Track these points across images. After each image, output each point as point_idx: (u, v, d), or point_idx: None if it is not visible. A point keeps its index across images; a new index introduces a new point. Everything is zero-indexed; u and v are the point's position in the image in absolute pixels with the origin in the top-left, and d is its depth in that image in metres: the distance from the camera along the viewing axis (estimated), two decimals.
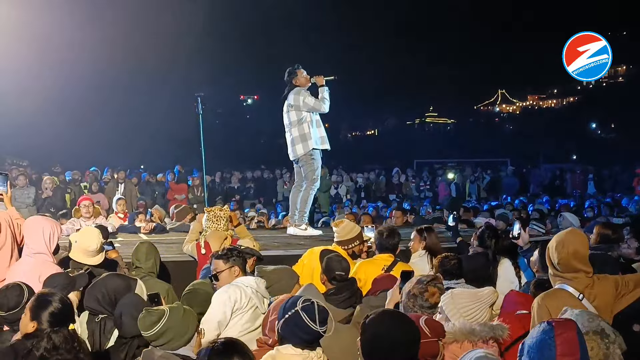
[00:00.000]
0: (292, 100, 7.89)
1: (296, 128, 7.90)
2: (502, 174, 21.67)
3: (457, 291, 3.84)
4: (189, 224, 8.92)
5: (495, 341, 3.48)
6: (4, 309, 4.00)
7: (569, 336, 2.73)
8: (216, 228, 6.11)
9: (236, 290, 4.46)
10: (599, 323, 3.05)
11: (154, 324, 3.52)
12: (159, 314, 3.57)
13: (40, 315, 3.57)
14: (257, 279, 4.64)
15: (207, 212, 6.30)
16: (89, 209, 9.11)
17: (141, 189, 15.71)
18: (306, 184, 8.07)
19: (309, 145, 7.87)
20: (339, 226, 6.06)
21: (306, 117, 7.89)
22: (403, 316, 3.24)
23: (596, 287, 3.87)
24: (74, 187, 14.52)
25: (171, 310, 3.61)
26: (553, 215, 11.27)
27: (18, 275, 4.47)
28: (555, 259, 3.94)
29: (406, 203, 15.33)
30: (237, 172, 19.27)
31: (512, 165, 23.64)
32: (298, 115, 7.88)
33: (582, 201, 15.96)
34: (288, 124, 8.01)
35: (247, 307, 4.44)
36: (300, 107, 7.85)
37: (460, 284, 4.76)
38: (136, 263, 5.32)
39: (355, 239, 5.94)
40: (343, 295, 4.73)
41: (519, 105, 70.17)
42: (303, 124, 7.88)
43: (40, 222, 5.22)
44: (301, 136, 7.88)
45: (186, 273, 6.03)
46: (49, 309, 3.58)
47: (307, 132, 7.87)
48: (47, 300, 3.64)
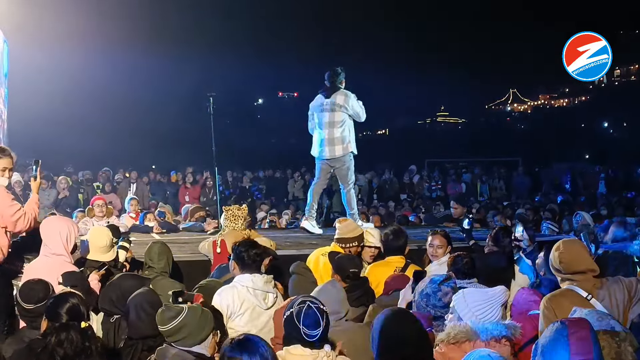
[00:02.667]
0: (341, 100, 8.08)
1: (339, 129, 8.09)
2: (514, 174, 21.59)
3: (469, 290, 3.84)
4: (202, 223, 8.98)
5: (508, 340, 3.47)
6: (32, 302, 4.04)
7: (583, 335, 2.72)
8: (234, 227, 6.13)
9: (228, 294, 4.45)
10: (609, 322, 3.05)
11: (171, 319, 3.56)
12: (178, 310, 3.61)
13: (51, 312, 3.62)
14: (254, 276, 4.56)
15: (225, 211, 6.33)
16: (102, 209, 9.16)
17: (153, 189, 15.78)
18: (345, 186, 8.32)
19: (348, 148, 8.14)
20: (342, 223, 6.09)
21: (348, 120, 8.13)
22: (408, 314, 3.26)
23: (605, 289, 3.86)
24: (86, 187, 14.58)
25: (189, 308, 3.66)
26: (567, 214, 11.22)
27: (36, 274, 4.50)
28: (557, 263, 3.97)
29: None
30: (249, 172, 19.27)
31: (524, 165, 23.53)
32: (343, 116, 8.08)
33: (595, 200, 15.87)
34: (330, 122, 8.14)
35: (240, 309, 4.42)
36: (348, 108, 8.06)
37: (473, 283, 4.76)
38: (149, 263, 5.34)
39: (354, 239, 5.93)
40: (355, 294, 4.72)
41: (531, 104, 69.88)
42: (346, 126, 8.11)
43: (57, 223, 5.21)
44: (343, 138, 8.10)
45: (199, 273, 6.04)
46: (60, 307, 3.62)
47: (348, 134, 8.12)
48: (58, 298, 3.70)
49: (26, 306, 4.05)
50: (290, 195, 18.18)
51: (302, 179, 18.71)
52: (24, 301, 4.07)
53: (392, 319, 3.15)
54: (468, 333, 3.45)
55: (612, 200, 14.84)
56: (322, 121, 8.19)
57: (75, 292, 3.87)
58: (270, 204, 15.52)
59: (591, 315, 3.09)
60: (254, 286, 4.51)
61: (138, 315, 3.88)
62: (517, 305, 4.30)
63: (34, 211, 5.34)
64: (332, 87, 8.19)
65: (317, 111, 8.27)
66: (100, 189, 14.46)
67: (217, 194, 11.07)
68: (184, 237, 8.22)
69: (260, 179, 18.92)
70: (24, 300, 4.08)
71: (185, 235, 8.47)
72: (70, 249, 5.12)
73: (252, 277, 4.55)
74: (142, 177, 16.03)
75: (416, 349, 3.07)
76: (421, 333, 3.19)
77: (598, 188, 19.47)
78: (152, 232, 8.73)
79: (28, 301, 4.06)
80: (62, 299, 3.66)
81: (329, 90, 8.18)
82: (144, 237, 8.14)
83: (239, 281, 4.55)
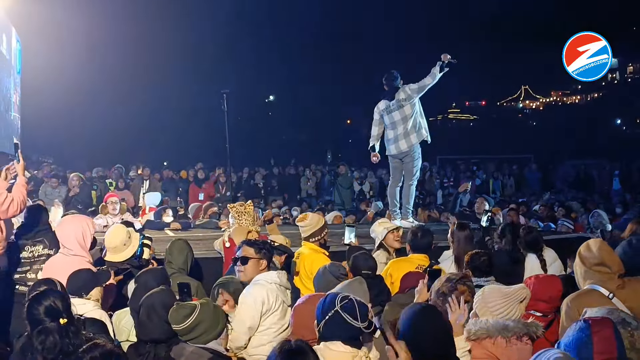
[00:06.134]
0: (402, 95, 8.61)
1: (411, 120, 8.56)
2: (524, 170, 21.52)
3: (488, 289, 3.82)
4: (216, 220, 9.00)
5: (529, 338, 3.45)
6: None
7: (606, 334, 2.72)
8: (239, 224, 6.17)
9: (262, 291, 4.43)
10: (619, 314, 3.04)
11: (186, 317, 3.55)
12: (191, 308, 3.60)
13: (30, 317, 3.46)
14: (278, 272, 4.64)
15: (230, 209, 6.37)
16: (115, 206, 9.20)
17: (165, 186, 15.80)
18: (407, 180, 8.77)
19: (422, 134, 8.66)
20: (306, 219, 6.01)
21: (417, 108, 8.64)
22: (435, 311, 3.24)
23: (627, 288, 3.83)
24: (99, 183, 14.60)
25: (202, 304, 3.64)
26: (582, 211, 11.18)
27: (52, 274, 4.52)
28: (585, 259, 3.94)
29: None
30: (262, 168, 19.29)
31: (536, 162, 23.42)
32: (412, 107, 8.60)
33: (609, 197, 15.79)
34: (400, 119, 8.62)
35: (275, 305, 4.43)
36: (411, 94, 8.58)
37: (490, 281, 4.74)
38: (168, 258, 5.36)
39: (324, 228, 5.97)
40: (371, 293, 4.71)
41: (543, 101, 69.47)
42: (416, 115, 8.61)
43: (71, 225, 5.22)
44: (415, 126, 8.60)
45: (212, 270, 6.09)
46: (36, 311, 3.44)
47: (419, 121, 8.65)
48: (34, 300, 3.50)
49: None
50: (304, 192, 18.18)
51: (314, 177, 18.73)
52: None
53: (419, 314, 3.13)
54: (489, 330, 3.44)
55: (626, 198, 14.76)
56: (393, 121, 8.68)
57: (54, 282, 3.91)
58: (283, 200, 15.51)
59: (601, 311, 3.09)
60: (280, 282, 4.55)
61: (149, 316, 3.76)
62: None
63: (21, 194, 5.34)
64: (392, 89, 8.72)
65: (385, 114, 8.75)
66: (112, 186, 14.48)
67: (231, 190, 11.12)
68: (198, 234, 8.24)
69: (274, 176, 18.91)
70: None
71: (199, 232, 8.49)
72: (88, 246, 5.14)
73: (277, 273, 4.61)
74: (155, 174, 16.05)
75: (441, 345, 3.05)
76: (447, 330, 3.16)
77: (612, 185, 19.37)
78: (166, 228, 8.76)
79: None
80: (37, 301, 3.44)
81: (391, 93, 8.70)
82: (159, 233, 8.17)
83: (265, 279, 4.55)
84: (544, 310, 4.15)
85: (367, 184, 18.05)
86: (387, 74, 8.81)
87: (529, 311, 3.98)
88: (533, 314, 3.98)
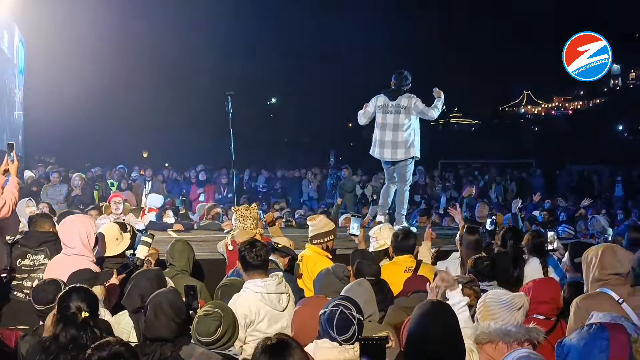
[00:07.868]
0: (405, 102, 8.14)
1: (404, 132, 8.16)
2: (523, 174, 21.51)
3: (489, 294, 3.84)
4: (219, 222, 9.01)
5: (530, 344, 3.47)
6: (42, 304, 4.06)
7: (622, 340, 2.76)
8: (243, 227, 6.16)
9: (243, 304, 4.33)
10: (622, 321, 3.04)
11: (217, 328, 3.51)
12: (217, 316, 3.54)
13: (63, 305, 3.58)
14: (264, 280, 4.43)
15: (234, 212, 6.38)
16: (119, 206, 9.22)
17: (168, 186, 15.82)
18: (401, 186, 8.46)
19: (410, 152, 8.21)
20: (315, 220, 6.07)
21: (414, 123, 8.22)
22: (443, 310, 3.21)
23: (637, 297, 3.83)
24: (101, 183, 14.60)
25: (223, 310, 3.59)
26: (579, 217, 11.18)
27: (57, 274, 4.53)
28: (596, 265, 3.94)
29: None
30: (265, 170, 19.29)
31: (538, 167, 23.42)
32: (408, 119, 8.15)
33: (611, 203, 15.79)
34: (394, 125, 8.19)
35: (260, 315, 4.34)
36: (411, 109, 8.13)
37: (493, 285, 4.75)
38: (170, 260, 5.36)
39: (330, 233, 5.96)
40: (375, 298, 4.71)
41: (545, 106, 69.43)
42: (411, 129, 8.20)
43: (74, 224, 5.19)
44: (406, 141, 8.17)
45: (215, 271, 6.09)
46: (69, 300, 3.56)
47: (412, 137, 8.21)
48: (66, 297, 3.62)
49: (37, 307, 4.08)
50: (305, 195, 18.17)
51: (315, 179, 18.72)
52: (35, 302, 4.10)
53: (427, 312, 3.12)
54: (491, 335, 3.46)
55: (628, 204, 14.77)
56: (385, 122, 8.25)
57: (58, 282, 4.02)
58: (286, 202, 15.51)
59: (606, 317, 3.09)
60: (266, 291, 4.39)
61: (156, 315, 3.72)
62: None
63: (13, 195, 5.32)
64: (397, 89, 8.25)
65: (380, 112, 8.30)
66: (113, 186, 14.50)
67: (233, 192, 11.10)
68: (200, 235, 8.25)
69: (277, 179, 18.91)
70: (35, 301, 4.11)
71: (202, 234, 8.49)
72: (92, 245, 5.15)
73: (263, 282, 4.43)
74: (158, 175, 16.07)
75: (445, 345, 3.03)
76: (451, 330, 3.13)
77: (614, 191, 19.37)
78: (169, 229, 8.77)
79: (39, 302, 4.08)
80: (69, 295, 3.60)
81: (395, 93, 8.23)
82: (161, 234, 8.16)
83: (250, 287, 4.43)
84: (545, 312, 4.13)
85: (370, 187, 18.02)
86: (398, 73, 8.32)
87: (531, 315, 3.98)
88: (536, 317, 3.97)
